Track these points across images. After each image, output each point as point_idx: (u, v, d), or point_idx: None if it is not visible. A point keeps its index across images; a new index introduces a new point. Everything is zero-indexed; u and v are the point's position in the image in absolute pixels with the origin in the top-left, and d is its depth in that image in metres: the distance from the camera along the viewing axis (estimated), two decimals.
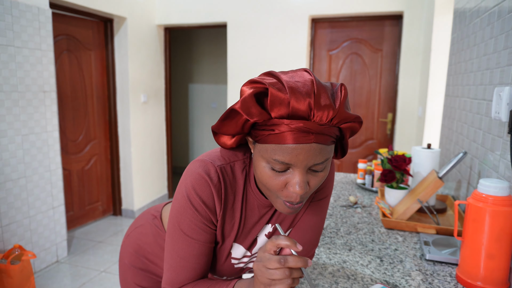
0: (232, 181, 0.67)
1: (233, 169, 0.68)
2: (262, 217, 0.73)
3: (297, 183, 0.57)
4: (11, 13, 2.21)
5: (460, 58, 1.59)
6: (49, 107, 2.52)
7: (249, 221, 0.72)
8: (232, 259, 0.75)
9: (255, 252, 0.77)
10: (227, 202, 0.68)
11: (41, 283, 2.39)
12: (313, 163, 0.57)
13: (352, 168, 3.55)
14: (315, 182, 0.60)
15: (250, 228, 0.73)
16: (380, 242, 1.10)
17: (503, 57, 1.03)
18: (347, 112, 0.57)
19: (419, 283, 0.85)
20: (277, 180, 0.59)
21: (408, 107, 3.17)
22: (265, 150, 0.58)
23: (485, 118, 1.17)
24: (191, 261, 0.68)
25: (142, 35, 3.60)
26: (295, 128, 0.54)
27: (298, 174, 0.57)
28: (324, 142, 0.56)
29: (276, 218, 0.75)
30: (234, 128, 0.60)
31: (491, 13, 1.18)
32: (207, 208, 0.65)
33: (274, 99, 0.53)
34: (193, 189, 0.64)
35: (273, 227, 0.76)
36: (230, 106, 0.58)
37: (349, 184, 1.78)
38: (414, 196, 1.24)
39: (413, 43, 3.07)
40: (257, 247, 0.76)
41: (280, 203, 0.61)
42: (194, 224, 0.66)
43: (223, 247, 0.72)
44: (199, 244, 0.67)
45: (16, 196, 2.32)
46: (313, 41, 3.48)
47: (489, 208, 0.79)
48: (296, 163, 0.56)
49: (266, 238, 0.76)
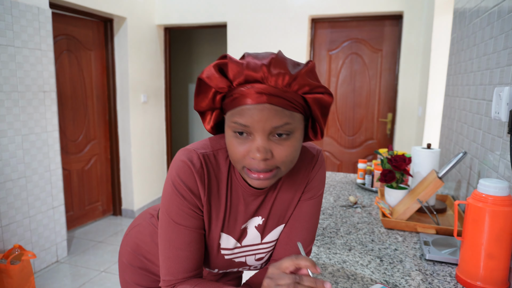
0: (215, 168, 0.69)
1: (216, 156, 0.70)
2: (248, 205, 0.73)
3: (256, 148, 0.59)
4: (11, 13, 2.21)
5: (460, 58, 1.59)
6: (49, 107, 2.52)
7: (235, 209, 0.73)
8: (223, 249, 0.75)
9: (246, 244, 0.76)
10: (211, 188, 0.69)
11: (41, 283, 2.39)
12: (270, 126, 0.58)
13: (352, 168, 3.55)
14: (280, 152, 0.60)
15: (236, 217, 0.73)
16: (380, 242, 1.10)
17: (503, 57, 1.03)
18: (308, 79, 0.59)
19: (419, 283, 0.85)
20: (240, 148, 0.60)
21: (408, 107, 3.17)
22: (228, 117, 0.61)
23: (485, 118, 1.17)
24: (183, 250, 0.68)
25: (142, 35, 3.60)
26: (251, 90, 0.58)
27: (258, 138, 0.59)
28: (279, 104, 0.58)
29: (264, 210, 0.75)
30: (207, 102, 0.64)
31: (491, 13, 1.18)
32: (192, 194, 0.67)
33: (232, 67, 0.58)
34: (178, 176, 0.66)
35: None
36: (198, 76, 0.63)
37: (349, 184, 1.79)
38: (414, 196, 1.24)
39: (413, 43, 3.07)
40: (247, 239, 0.76)
41: (247, 174, 0.62)
42: (182, 211, 0.67)
43: (212, 237, 0.73)
44: (189, 230, 0.68)
45: (16, 196, 2.32)
46: (313, 41, 3.48)
47: (489, 208, 0.79)
48: (253, 124, 0.58)
49: (256, 231, 0.76)
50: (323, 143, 3.62)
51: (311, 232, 0.79)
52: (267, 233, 0.77)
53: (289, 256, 0.58)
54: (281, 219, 0.77)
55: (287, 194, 0.76)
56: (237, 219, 0.73)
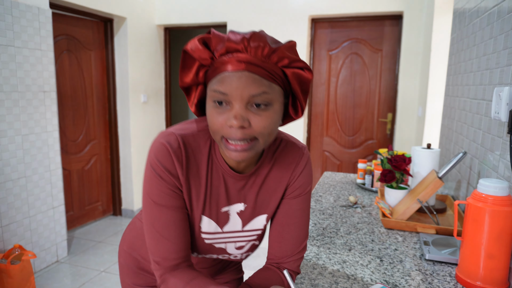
0: (195, 148, 0.70)
1: (196, 137, 0.71)
2: (229, 189, 0.74)
3: (234, 115, 0.59)
4: (11, 13, 2.21)
5: (460, 58, 1.60)
6: (49, 107, 2.52)
7: (216, 191, 0.73)
8: (203, 233, 0.75)
9: (227, 230, 0.77)
10: (190, 169, 0.70)
11: (41, 283, 2.39)
12: (248, 93, 0.59)
13: (352, 168, 3.55)
14: (258, 122, 0.61)
15: (218, 200, 0.74)
16: (380, 242, 1.10)
17: (503, 57, 1.03)
18: (288, 53, 0.61)
19: (418, 283, 0.85)
20: (219, 118, 0.61)
21: (408, 107, 3.17)
22: (209, 88, 0.63)
23: (485, 118, 1.17)
24: (167, 230, 0.69)
25: (142, 35, 3.60)
26: (231, 58, 0.60)
27: (235, 106, 0.60)
28: (258, 73, 0.60)
29: (246, 197, 0.75)
30: (191, 76, 0.66)
31: (490, 13, 1.18)
32: (170, 174, 0.67)
33: (215, 39, 0.61)
34: (155, 158, 0.67)
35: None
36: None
37: (349, 184, 1.79)
38: (414, 196, 1.24)
39: (413, 43, 3.07)
40: (229, 225, 0.76)
41: (225, 145, 0.63)
42: (161, 191, 0.68)
43: (193, 219, 0.73)
44: (170, 210, 0.69)
45: (16, 196, 2.32)
46: (313, 41, 3.48)
47: (489, 208, 0.79)
48: (231, 92, 0.59)
49: (238, 218, 0.76)
50: (323, 143, 3.62)
51: (303, 228, 0.79)
52: (249, 221, 0.78)
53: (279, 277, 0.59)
54: (263, 208, 0.78)
55: (271, 183, 0.76)
56: (218, 202, 0.74)
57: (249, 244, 0.81)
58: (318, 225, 1.23)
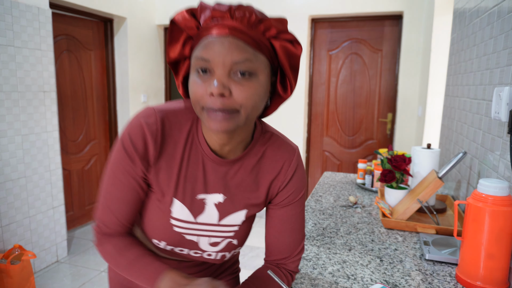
0: (173, 125, 0.67)
1: (178, 114, 0.68)
2: (208, 175, 0.69)
3: (215, 81, 0.57)
4: (11, 13, 2.21)
5: (460, 58, 1.59)
6: (49, 107, 2.52)
7: (192, 175, 0.69)
8: (173, 219, 0.70)
9: (201, 221, 0.72)
10: (165, 147, 0.67)
11: (41, 283, 2.39)
12: (230, 60, 0.56)
13: (352, 168, 3.54)
14: (240, 93, 0.58)
15: (194, 185, 0.69)
16: (380, 242, 1.10)
17: (503, 57, 1.03)
18: (276, 24, 0.60)
19: (418, 283, 0.85)
20: (200, 86, 0.59)
21: (408, 107, 3.17)
22: (193, 57, 0.60)
23: (485, 118, 1.17)
24: (115, 205, 0.68)
25: (142, 35, 3.60)
26: (216, 23, 0.58)
27: (217, 73, 0.57)
28: (242, 39, 0.57)
29: (226, 187, 0.71)
30: (178, 49, 0.64)
31: (490, 13, 1.18)
32: (137, 155, 0.65)
33: (201, 7, 0.60)
34: (128, 135, 0.65)
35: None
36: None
37: (349, 184, 1.79)
38: (414, 196, 1.24)
39: (413, 43, 3.07)
40: (204, 216, 0.71)
41: (206, 116, 0.59)
42: (123, 168, 0.66)
43: (164, 202, 0.70)
44: (125, 188, 0.67)
45: (16, 196, 2.32)
46: (313, 41, 3.48)
47: (489, 208, 0.79)
48: (214, 58, 0.57)
49: (215, 209, 0.72)
50: (323, 143, 3.62)
51: (300, 232, 0.78)
52: (226, 215, 0.73)
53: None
54: (243, 204, 0.73)
55: (256, 178, 0.73)
56: (194, 187, 0.70)
57: (224, 241, 0.75)
58: (318, 225, 1.23)
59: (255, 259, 2.77)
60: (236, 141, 0.68)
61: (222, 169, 0.70)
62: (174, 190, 0.69)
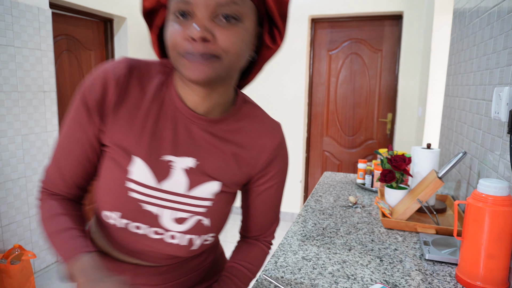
0: (144, 76, 0.61)
1: (150, 66, 0.62)
2: (178, 134, 0.61)
3: (194, 24, 0.51)
4: (11, 13, 2.21)
5: (460, 58, 1.60)
6: (49, 107, 2.52)
7: (159, 132, 0.61)
8: (130, 181, 0.60)
9: (166, 189, 0.61)
10: (129, 94, 0.59)
11: (41, 283, 2.39)
12: (214, 2, 0.50)
13: (352, 168, 3.55)
14: (224, 38, 0.52)
15: (160, 143, 0.60)
16: (380, 242, 1.10)
17: (503, 57, 1.03)
18: None
19: (418, 283, 0.85)
20: (180, 32, 0.52)
21: (408, 107, 3.18)
22: (170, 2, 0.55)
23: (485, 118, 1.17)
24: (62, 156, 0.62)
25: (142, 35, 3.60)
26: None
27: (198, 15, 0.51)
28: None
29: (198, 151, 0.62)
30: None
31: (490, 13, 1.18)
32: (93, 98, 0.58)
33: None
34: (91, 78, 0.60)
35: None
36: None
37: (349, 184, 1.79)
38: (413, 196, 1.24)
39: (413, 43, 3.07)
40: (170, 182, 0.61)
41: (184, 63, 0.53)
42: (76, 115, 0.60)
43: (120, 159, 0.60)
44: (73, 139, 0.61)
45: (16, 196, 2.32)
46: (313, 41, 3.48)
47: (489, 208, 0.79)
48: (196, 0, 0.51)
49: (185, 176, 0.62)
50: (323, 143, 3.62)
51: (278, 208, 0.77)
52: (197, 185, 0.62)
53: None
54: (218, 173, 0.64)
55: (235, 147, 0.65)
56: (160, 146, 0.60)
57: (193, 218, 0.63)
58: (318, 225, 1.23)
59: None
60: (214, 100, 0.61)
61: (196, 130, 0.62)
62: (135, 145, 0.60)
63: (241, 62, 0.57)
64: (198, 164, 0.62)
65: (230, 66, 0.54)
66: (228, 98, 0.64)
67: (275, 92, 3.51)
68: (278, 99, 3.51)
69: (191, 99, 0.61)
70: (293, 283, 0.84)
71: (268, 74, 3.50)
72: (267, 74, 3.50)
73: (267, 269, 0.91)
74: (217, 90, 0.60)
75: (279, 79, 3.49)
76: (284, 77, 3.47)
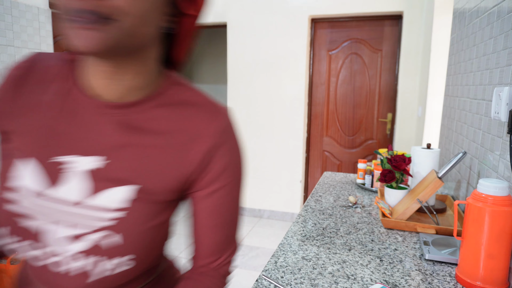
0: (48, 71, 0.53)
1: (56, 57, 0.55)
2: (80, 129, 0.50)
3: None
4: (11, 13, 2.21)
5: (460, 58, 1.60)
6: None
7: (59, 128, 0.50)
8: (4, 189, 0.49)
9: (60, 197, 0.48)
10: (26, 92, 0.52)
11: None
12: None
13: (352, 168, 3.55)
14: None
15: (57, 140, 0.50)
16: (380, 242, 1.10)
17: (503, 57, 1.03)
18: None
19: (418, 283, 0.86)
20: None
21: (408, 107, 3.18)
22: None
23: (485, 118, 1.17)
24: None
25: None
26: None
27: None
28: None
29: (106, 146, 0.50)
30: None
31: (490, 13, 1.18)
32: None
33: None
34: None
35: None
36: None
37: (349, 184, 1.79)
38: (413, 196, 1.24)
39: (412, 43, 3.08)
40: (65, 189, 0.49)
41: (73, 30, 0.42)
42: None
43: (6, 153, 0.52)
44: None
45: None
46: (313, 41, 3.48)
47: (489, 208, 0.79)
48: None
49: (90, 179, 0.49)
50: (323, 143, 3.62)
51: (233, 225, 0.59)
52: (101, 189, 0.49)
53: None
54: (131, 175, 0.50)
55: (153, 137, 0.51)
56: (58, 146, 0.50)
57: (96, 235, 0.48)
58: (318, 225, 1.23)
59: (255, 259, 2.77)
60: (126, 82, 0.50)
61: (105, 121, 0.50)
62: (30, 145, 0.50)
63: (148, 29, 0.46)
64: (107, 164, 0.49)
65: (131, 32, 0.44)
66: (147, 79, 0.52)
67: (275, 92, 3.51)
68: (278, 99, 3.51)
69: (97, 84, 0.50)
70: (293, 283, 0.84)
71: (268, 74, 3.50)
72: (267, 74, 3.50)
73: (267, 269, 0.91)
74: (128, 68, 0.49)
75: (279, 79, 3.49)
76: (284, 77, 3.48)
